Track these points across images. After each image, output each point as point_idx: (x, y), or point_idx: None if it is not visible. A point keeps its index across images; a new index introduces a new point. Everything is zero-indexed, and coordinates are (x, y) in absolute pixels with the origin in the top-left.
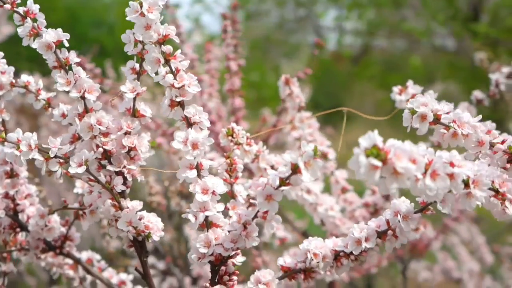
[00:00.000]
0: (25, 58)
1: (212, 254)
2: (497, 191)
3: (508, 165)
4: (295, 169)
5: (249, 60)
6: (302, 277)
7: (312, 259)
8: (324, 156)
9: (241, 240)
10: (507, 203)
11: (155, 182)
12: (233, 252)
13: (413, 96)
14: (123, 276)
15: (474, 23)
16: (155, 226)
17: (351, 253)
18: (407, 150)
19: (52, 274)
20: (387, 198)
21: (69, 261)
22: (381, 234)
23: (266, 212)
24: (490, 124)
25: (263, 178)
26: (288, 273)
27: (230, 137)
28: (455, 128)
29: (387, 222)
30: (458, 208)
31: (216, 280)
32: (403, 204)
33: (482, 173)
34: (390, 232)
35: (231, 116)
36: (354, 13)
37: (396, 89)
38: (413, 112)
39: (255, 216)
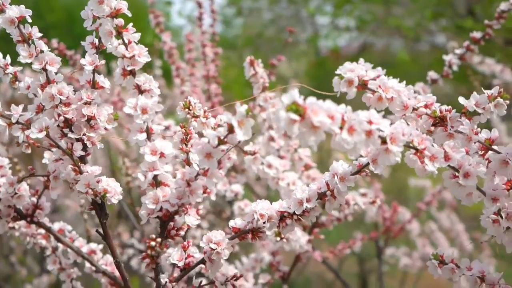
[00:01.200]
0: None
1: (160, 210)
2: (416, 149)
3: (433, 128)
4: (231, 129)
5: (242, 58)
6: (250, 237)
7: (259, 219)
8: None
9: (185, 197)
10: (426, 160)
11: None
12: (179, 208)
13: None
14: (93, 245)
15: (466, 19)
16: (113, 190)
17: (294, 213)
18: (324, 107)
19: (26, 244)
20: None
21: (42, 231)
22: (321, 195)
23: (207, 170)
24: (412, 89)
25: (204, 138)
26: (238, 233)
27: (187, 110)
28: (380, 93)
29: (327, 184)
30: (431, 193)
31: (164, 235)
32: (341, 166)
33: (398, 131)
34: (328, 192)
35: (208, 101)
36: (344, 10)
37: None
38: (341, 77)
39: (198, 174)
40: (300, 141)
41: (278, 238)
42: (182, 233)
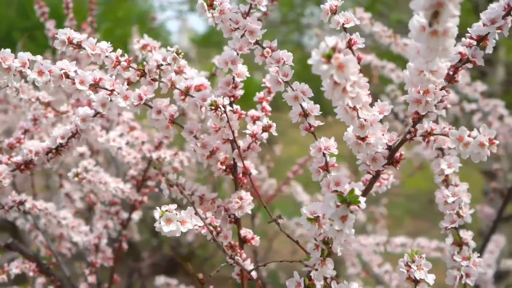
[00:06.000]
0: None
1: None
2: (109, 90)
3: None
4: None
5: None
6: (21, 169)
7: (28, 154)
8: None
9: None
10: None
11: None
12: None
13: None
14: None
15: None
16: None
17: (56, 148)
18: None
19: None
20: None
21: None
22: (74, 135)
23: None
24: None
25: None
26: (17, 166)
27: None
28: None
29: (75, 125)
30: (298, 162)
31: None
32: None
33: (85, 75)
34: (75, 132)
35: None
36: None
37: None
38: None
39: None
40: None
41: (76, 178)
42: None
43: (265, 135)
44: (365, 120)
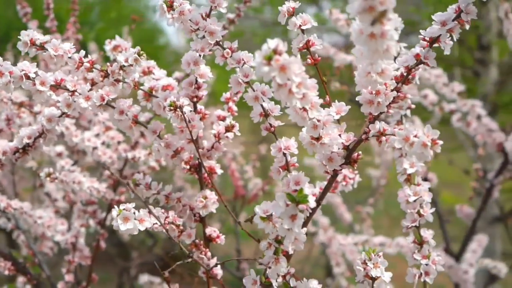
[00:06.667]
0: None
1: None
2: (70, 91)
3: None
4: None
5: None
6: None
7: None
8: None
9: None
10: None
11: None
12: None
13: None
14: None
15: None
16: None
17: (23, 147)
18: None
19: None
20: None
21: None
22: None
23: None
24: None
25: None
26: None
27: None
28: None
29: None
30: None
31: None
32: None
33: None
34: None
35: None
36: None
37: None
38: None
39: None
40: None
41: (48, 178)
42: None
43: (230, 135)
44: (318, 120)
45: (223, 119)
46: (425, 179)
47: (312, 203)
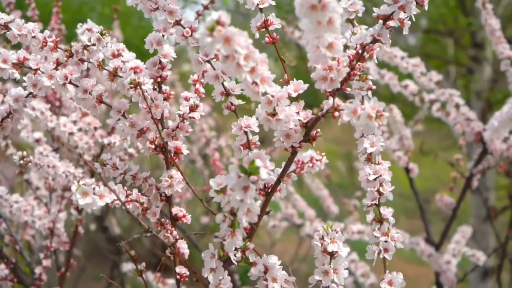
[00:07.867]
0: None
1: None
2: (34, 69)
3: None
4: None
5: None
6: None
7: None
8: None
9: None
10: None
11: None
12: None
13: None
14: None
15: None
16: None
17: None
18: None
19: None
20: None
21: None
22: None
23: None
24: None
25: None
26: None
27: None
28: None
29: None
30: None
31: None
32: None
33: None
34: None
35: None
36: None
37: None
38: None
39: None
40: None
41: (22, 161)
42: None
43: (196, 115)
44: (272, 96)
45: (188, 99)
46: (406, 169)
47: (263, 174)
